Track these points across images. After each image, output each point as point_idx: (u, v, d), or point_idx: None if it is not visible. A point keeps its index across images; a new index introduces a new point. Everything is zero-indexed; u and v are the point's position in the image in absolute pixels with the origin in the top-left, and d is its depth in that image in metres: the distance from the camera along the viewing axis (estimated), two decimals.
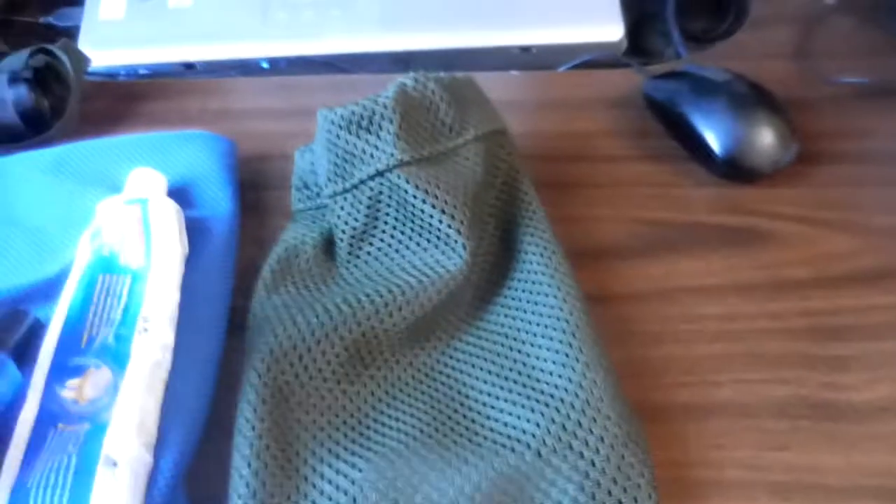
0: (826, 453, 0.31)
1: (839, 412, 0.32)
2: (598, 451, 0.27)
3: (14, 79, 0.41)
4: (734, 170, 0.40)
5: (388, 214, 0.34)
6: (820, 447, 0.31)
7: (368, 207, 0.34)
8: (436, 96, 0.35)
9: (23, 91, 0.41)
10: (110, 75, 0.50)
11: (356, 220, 0.34)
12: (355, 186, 0.34)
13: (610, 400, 0.29)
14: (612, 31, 0.52)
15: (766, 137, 0.40)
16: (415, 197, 0.33)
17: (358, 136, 0.33)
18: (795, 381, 0.33)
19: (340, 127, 0.33)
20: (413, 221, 0.33)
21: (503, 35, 0.52)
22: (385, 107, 0.33)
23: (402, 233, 0.34)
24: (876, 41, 0.48)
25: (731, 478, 0.31)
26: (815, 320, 0.35)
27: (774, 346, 0.34)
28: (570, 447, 0.27)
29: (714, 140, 0.40)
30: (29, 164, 0.39)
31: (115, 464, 0.26)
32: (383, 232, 0.34)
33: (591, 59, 0.50)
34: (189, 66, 0.51)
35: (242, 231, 0.38)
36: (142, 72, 0.51)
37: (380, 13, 0.53)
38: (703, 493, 0.31)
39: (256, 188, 0.41)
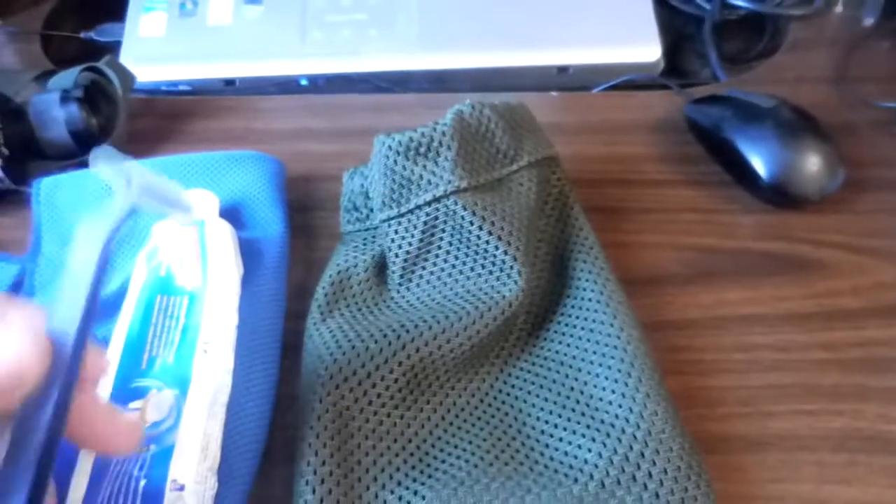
0: (887, 488, 0.31)
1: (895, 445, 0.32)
2: (661, 483, 0.27)
3: (66, 97, 0.41)
4: (781, 196, 0.40)
5: (442, 240, 0.34)
6: (880, 482, 0.31)
7: (423, 232, 0.34)
8: (491, 123, 0.35)
9: (74, 109, 0.41)
10: (151, 91, 0.51)
11: (410, 244, 0.34)
12: (411, 211, 0.34)
13: (671, 431, 0.29)
14: (649, 51, 0.52)
15: (813, 164, 0.40)
16: (471, 223, 0.33)
17: (416, 163, 0.33)
18: (850, 414, 0.33)
19: (398, 153, 0.34)
20: (469, 247, 0.33)
21: (540, 55, 0.53)
22: (444, 134, 0.33)
23: (457, 258, 0.34)
24: None
25: None
26: (869, 351, 0.35)
27: (829, 377, 0.34)
28: (634, 479, 0.27)
29: (761, 166, 0.40)
30: (81, 182, 0.39)
31: (182, 488, 0.26)
32: (436, 256, 0.34)
33: (628, 79, 0.50)
34: (229, 83, 0.52)
35: (292, 253, 0.38)
36: (182, 87, 0.52)
37: (417, 32, 0.53)
38: None
39: (303, 209, 0.41)
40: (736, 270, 0.39)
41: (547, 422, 0.30)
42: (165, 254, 0.34)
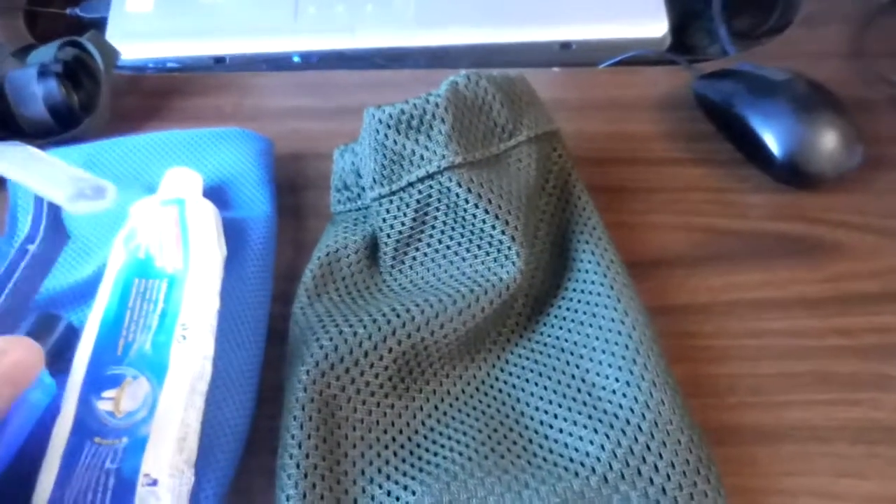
0: None
1: None
2: (668, 477, 0.26)
3: (43, 72, 0.39)
4: (796, 175, 0.38)
5: (436, 219, 0.32)
6: None
7: (416, 211, 0.32)
8: (489, 95, 0.33)
9: (52, 85, 0.39)
10: (138, 68, 0.49)
11: (402, 223, 0.32)
12: (403, 189, 0.32)
13: (679, 422, 0.27)
14: (655, 27, 0.50)
15: (830, 140, 0.38)
16: (466, 201, 0.31)
17: (407, 137, 0.31)
18: (868, 403, 0.31)
19: (389, 126, 0.32)
20: (464, 227, 0.32)
21: (542, 31, 0.51)
22: (437, 106, 0.31)
23: (452, 238, 0.32)
24: None
25: None
26: (887, 337, 0.33)
27: (845, 364, 0.33)
28: (639, 472, 0.26)
29: (774, 143, 0.38)
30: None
31: (155, 482, 0.25)
32: (431, 237, 0.32)
33: (634, 55, 0.48)
34: (219, 60, 0.50)
35: (281, 234, 0.37)
36: (170, 65, 0.50)
37: (414, 8, 0.51)
38: None
39: (293, 189, 0.40)
40: (747, 252, 0.37)
41: (546, 412, 0.29)
42: (144, 235, 0.32)
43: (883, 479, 0.29)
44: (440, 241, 0.32)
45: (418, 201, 0.32)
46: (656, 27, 0.50)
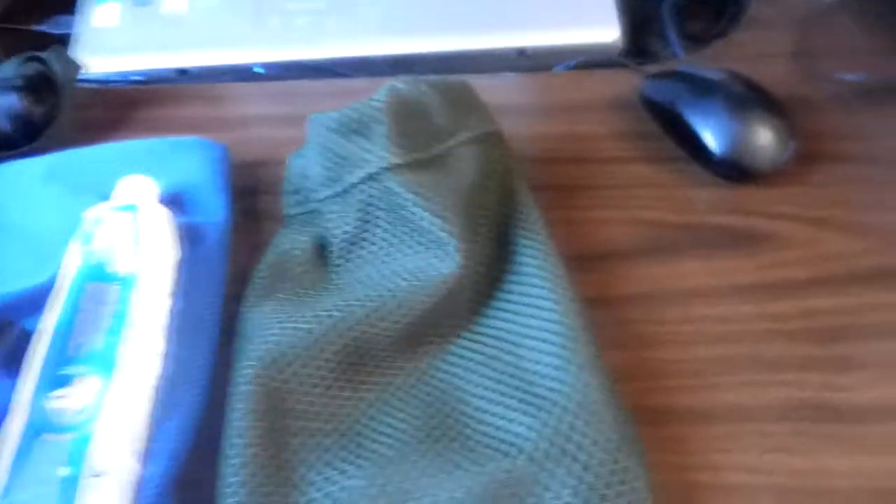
0: (829, 455, 0.31)
1: (841, 414, 0.32)
2: (592, 454, 0.27)
3: (3, 87, 0.41)
4: (732, 170, 0.40)
5: (379, 218, 0.33)
6: (823, 449, 0.31)
7: (360, 211, 0.33)
8: (428, 98, 0.34)
9: (13, 99, 0.41)
10: (104, 82, 0.50)
11: (347, 223, 0.34)
12: (346, 190, 0.33)
13: (604, 403, 0.28)
14: (607, 32, 0.51)
15: (763, 136, 0.39)
16: (406, 200, 0.32)
17: (349, 140, 0.33)
18: (796, 383, 0.33)
19: (332, 130, 0.33)
20: (405, 225, 0.33)
21: (499, 38, 0.52)
22: (376, 109, 0.33)
23: (395, 236, 0.33)
24: (875, 40, 0.48)
25: (733, 482, 0.30)
26: (815, 321, 0.35)
27: (774, 347, 0.34)
28: (564, 451, 0.27)
29: (712, 140, 0.40)
30: (20, 172, 0.39)
31: (101, 474, 0.26)
32: (374, 235, 0.33)
33: (587, 60, 0.50)
34: (183, 72, 0.51)
35: (238, 237, 0.38)
36: (135, 78, 0.51)
37: (375, 18, 0.52)
38: (705, 498, 0.30)
39: (253, 194, 0.41)
40: (688, 244, 0.38)
41: (483, 398, 0.30)
42: (98, 240, 0.33)
43: (808, 454, 0.31)
44: (384, 240, 0.33)
45: (361, 201, 0.33)
46: (608, 32, 0.52)
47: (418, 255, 0.33)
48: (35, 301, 0.32)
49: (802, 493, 0.30)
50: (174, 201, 0.37)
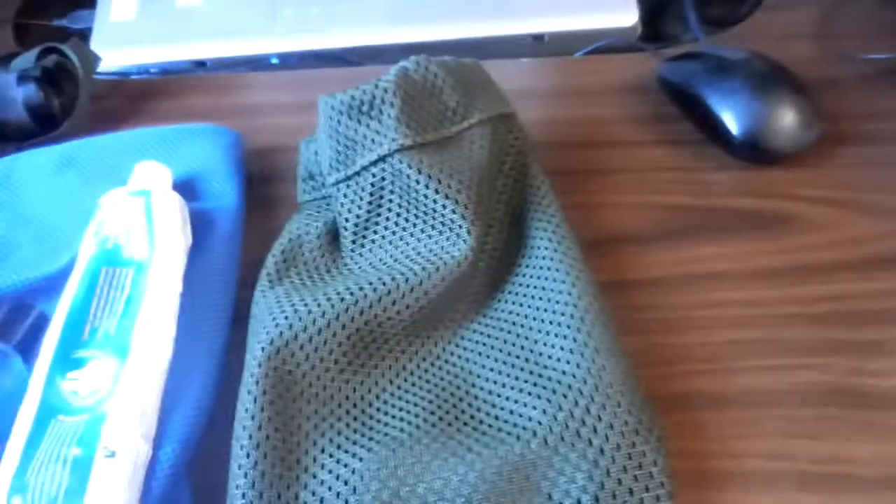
0: (854, 441, 0.30)
1: (867, 399, 0.31)
2: (607, 438, 0.26)
3: (22, 77, 0.41)
4: (754, 151, 0.39)
5: (391, 201, 0.33)
6: (848, 435, 0.30)
7: (371, 195, 0.33)
8: (439, 79, 0.34)
9: (31, 89, 0.41)
10: (122, 75, 0.50)
11: (360, 207, 0.33)
12: (357, 173, 0.33)
13: (619, 386, 0.27)
14: (625, 16, 0.51)
15: (786, 117, 0.38)
16: (417, 182, 0.32)
17: (359, 122, 0.32)
18: (821, 368, 0.32)
19: (341, 112, 0.33)
20: (417, 207, 0.32)
21: (514, 24, 0.51)
22: (385, 90, 0.32)
23: (407, 219, 0.33)
24: None
25: (753, 468, 0.29)
26: (841, 304, 0.34)
27: (798, 331, 0.33)
28: (578, 435, 0.26)
29: (732, 121, 0.39)
30: (37, 161, 0.39)
31: (113, 454, 0.26)
32: (387, 219, 0.33)
33: (605, 45, 0.49)
34: (200, 64, 0.52)
35: (252, 224, 0.38)
36: (153, 70, 0.51)
37: (388, 6, 0.52)
38: (723, 484, 0.29)
39: (268, 181, 0.41)
40: (707, 228, 0.37)
41: (495, 382, 0.29)
42: (112, 226, 0.33)
43: (834, 440, 0.30)
44: (396, 223, 0.33)
45: (373, 184, 0.33)
46: (627, 16, 0.51)
47: (431, 238, 0.32)
48: (54, 286, 0.33)
49: (826, 480, 0.29)
50: (187, 187, 0.37)
